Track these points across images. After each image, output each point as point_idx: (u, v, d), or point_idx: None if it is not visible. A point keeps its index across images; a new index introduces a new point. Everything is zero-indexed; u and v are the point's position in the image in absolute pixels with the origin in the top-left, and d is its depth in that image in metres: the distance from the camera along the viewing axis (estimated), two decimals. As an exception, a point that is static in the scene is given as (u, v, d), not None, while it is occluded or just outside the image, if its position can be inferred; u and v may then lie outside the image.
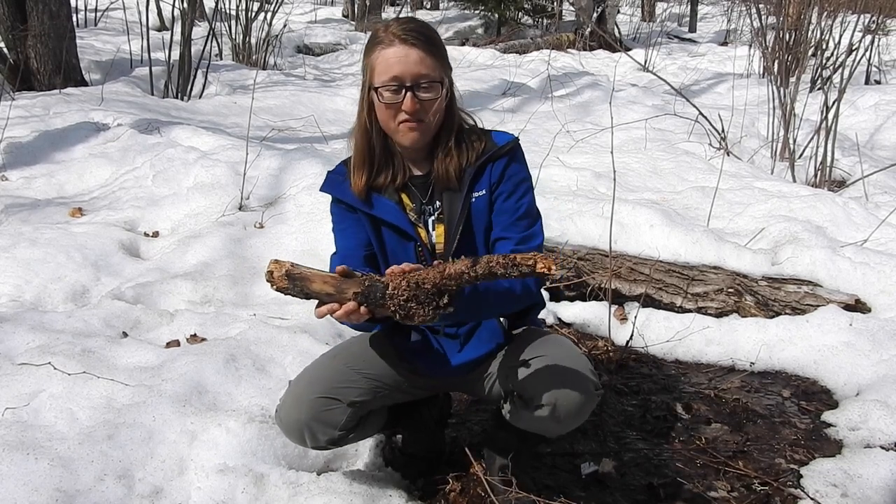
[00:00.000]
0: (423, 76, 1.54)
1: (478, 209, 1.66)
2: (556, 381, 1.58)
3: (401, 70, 1.53)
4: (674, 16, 17.75)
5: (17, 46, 5.96)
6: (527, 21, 13.43)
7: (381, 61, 1.55)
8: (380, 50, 1.56)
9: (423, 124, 1.58)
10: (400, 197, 1.68)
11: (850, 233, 3.30)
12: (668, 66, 9.66)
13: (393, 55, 1.54)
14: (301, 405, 1.65)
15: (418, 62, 1.54)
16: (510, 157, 1.67)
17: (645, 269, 2.94)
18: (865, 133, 5.79)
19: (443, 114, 1.62)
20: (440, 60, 1.58)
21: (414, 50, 1.54)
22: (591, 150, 4.62)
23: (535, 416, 1.61)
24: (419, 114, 1.56)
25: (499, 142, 1.67)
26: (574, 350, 1.67)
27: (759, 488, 1.92)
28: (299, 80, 7.84)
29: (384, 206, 1.66)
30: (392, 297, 1.35)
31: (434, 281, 1.34)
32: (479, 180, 1.65)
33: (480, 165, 1.65)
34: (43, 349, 2.12)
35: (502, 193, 1.66)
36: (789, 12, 6.50)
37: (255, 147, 3.90)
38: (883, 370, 2.35)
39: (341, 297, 1.37)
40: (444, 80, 1.59)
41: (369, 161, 1.65)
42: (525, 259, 1.29)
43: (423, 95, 1.55)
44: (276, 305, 2.68)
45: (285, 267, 1.39)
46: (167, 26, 9.72)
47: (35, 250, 2.89)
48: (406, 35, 1.54)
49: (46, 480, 1.65)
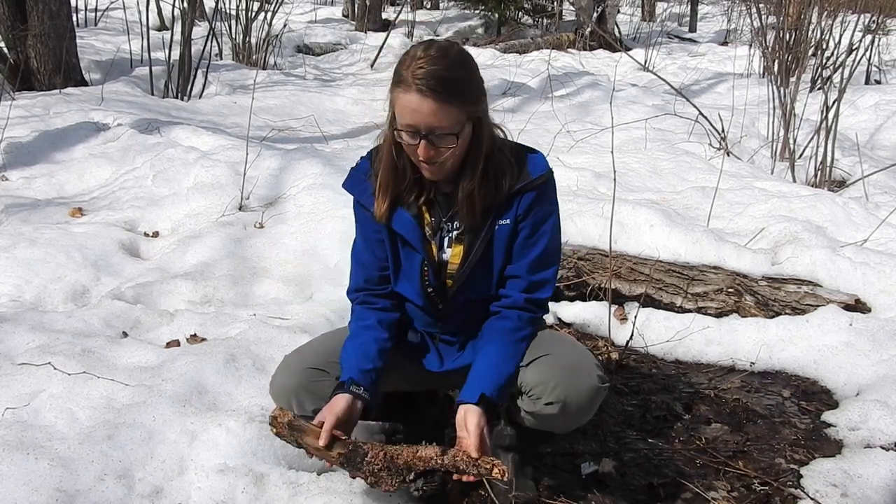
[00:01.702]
0: (437, 128, 1.50)
1: (499, 237, 1.65)
2: (564, 377, 1.60)
3: (415, 120, 1.49)
4: (674, 15, 17.75)
5: (17, 46, 5.96)
6: (527, 21, 13.43)
7: (399, 105, 1.51)
8: (400, 92, 1.50)
9: (440, 165, 1.56)
10: (420, 210, 1.67)
11: (850, 233, 3.30)
12: (668, 65, 9.66)
13: (408, 103, 1.49)
14: (292, 373, 1.71)
15: (431, 114, 1.48)
16: (539, 192, 1.64)
17: (645, 269, 2.94)
18: (865, 133, 5.78)
19: (466, 148, 1.58)
20: (459, 107, 1.51)
21: (427, 101, 1.47)
22: (591, 150, 4.62)
23: (544, 413, 1.63)
24: (434, 159, 1.54)
25: (532, 171, 1.63)
26: (578, 345, 1.70)
27: (759, 488, 1.91)
28: (299, 79, 7.85)
29: (401, 221, 1.66)
30: (369, 463, 1.54)
31: (406, 459, 1.53)
32: (507, 209, 1.63)
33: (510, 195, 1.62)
34: (43, 349, 2.12)
35: (525, 229, 1.65)
36: (789, 12, 6.50)
37: (255, 147, 3.90)
38: (883, 370, 2.35)
39: (327, 455, 1.56)
40: (464, 128, 1.53)
41: (395, 184, 1.63)
42: (486, 462, 1.50)
43: (438, 143, 1.52)
44: (276, 305, 2.68)
45: (288, 416, 1.59)
46: (167, 26, 9.72)
47: (35, 250, 2.89)
48: (422, 84, 1.46)
49: (46, 480, 1.65)
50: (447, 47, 1.53)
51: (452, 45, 1.56)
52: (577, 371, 1.61)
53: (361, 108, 6.23)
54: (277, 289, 2.83)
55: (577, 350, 1.68)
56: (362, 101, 6.49)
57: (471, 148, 1.59)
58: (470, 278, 1.67)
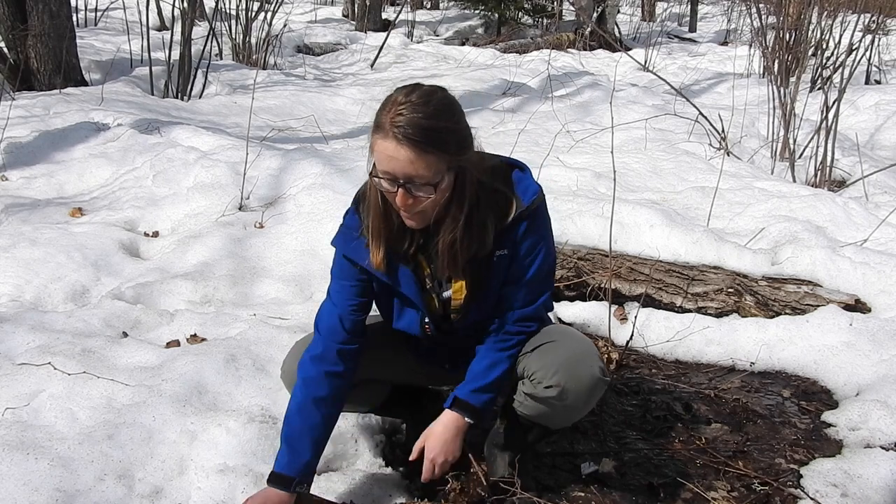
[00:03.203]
0: (414, 177, 1.44)
1: (498, 267, 1.64)
2: (566, 363, 1.63)
3: (391, 168, 1.44)
4: (674, 15, 17.75)
5: (17, 46, 5.96)
6: (527, 21, 13.43)
7: (377, 151, 1.46)
8: (378, 137, 1.45)
9: (420, 214, 1.52)
10: (418, 261, 1.65)
11: (850, 233, 3.30)
12: (668, 65, 9.66)
13: (385, 150, 1.43)
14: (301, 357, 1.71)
15: (408, 163, 1.42)
16: (532, 218, 1.62)
17: (645, 269, 2.94)
18: (865, 133, 5.79)
19: (448, 197, 1.53)
20: (439, 156, 1.44)
21: (403, 149, 1.41)
22: (591, 150, 4.62)
23: (542, 396, 1.65)
24: (412, 208, 1.49)
25: (523, 196, 1.60)
26: (584, 338, 1.73)
27: (759, 488, 1.92)
28: (299, 79, 7.85)
29: (401, 277, 1.64)
30: None
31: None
32: (503, 239, 1.61)
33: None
34: (43, 349, 2.12)
35: (519, 253, 1.64)
36: (789, 12, 6.49)
37: (255, 147, 3.90)
38: (883, 370, 2.35)
39: None
40: (443, 179, 1.47)
41: (386, 233, 1.59)
42: None
43: (416, 193, 1.47)
44: (275, 305, 2.68)
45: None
46: (167, 26, 9.72)
47: (35, 250, 2.89)
48: (399, 133, 1.41)
49: (46, 480, 1.65)
50: (430, 93, 1.47)
51: (436, 90, 1.49)
52: (580, 359, 1.64)
53: (361, 109, 6.22)
54: (277, 289, 2.83)
55: (581, 341, 1.71)
56: (362, 101, 6.48)
57: (452, 197, 1.53)
58: (472, 309, 1.69)
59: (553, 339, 1.69)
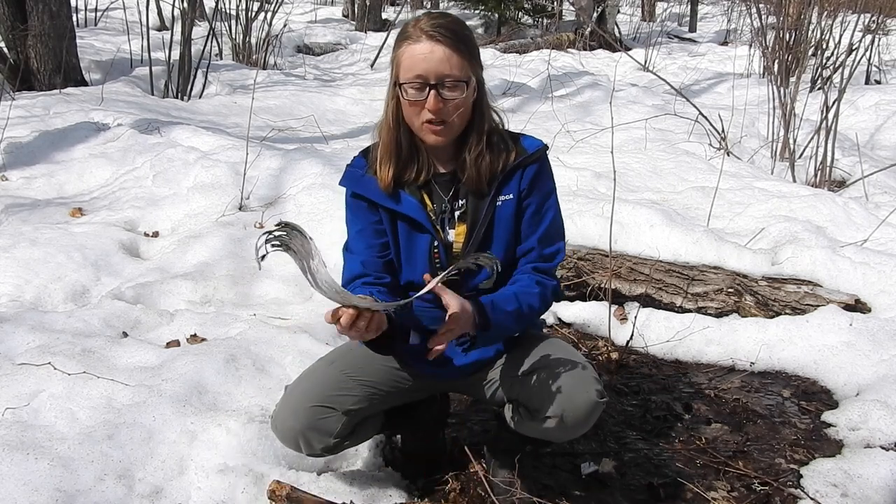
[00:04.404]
0: (448, 75, 1.51)
1: (503, 214, 1.64)
2: (562, 392, 1.58)
3: (425, 68, 1.51)
4: (674, 15, 17.74)
5: (17, 46, 5.96)
6: (527, 21, 13.42)
7: (407, 57, 1.53)
8: (407, 45, 1.53)
9: (447, 125, 1.56)
10: (422, 195, 1.66)
11: (850, 233, 3.30)
12: (668, 65, 9.65)
13: (419, 52, 1.51)
14: (296, 414, 1.64)
15: (443, 60, 1.50)
16: (541, 166, 1.65)
17: (645, 269, 2.94)
18: (865, 133, 5.79)
19: (470, 113, 1.60)
20: (468, 59, 1.54)
21: (440, 47, 1.50)
22: (591, 150, 4.62)
23: (541, 427, 1.62)
24: (442, 113, 1.54)
25: (528, 147, 1.65)
26: (577, 356, 1.66)
27: (759, 488, 1.92)
28: (299, 79, 7.85)
29: (407, 203, 1.64)
30: None
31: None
32: (508, 184, 1.63)
33: (510, 170, 1.63)
34: (43, 349, 2.12)
35: (532, 205, 1.65)
36: (789, 12, 6.49)
37: (255, 147, 3.90)
38: (883, 370, 2.35)
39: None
40: (471, 80, 1.55)
41: (396, 155, 1.62)
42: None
43: (448, 94, 1.52)
44: (276, 305, 2.68)
45: (286, 490, 1.66)
46: (167, 26, 9.72)
47: (35, 250, 2.89)
48: (434, 31, 1.51)
49: (46, 480, 1.65)
50: (447, 12, 1.63)
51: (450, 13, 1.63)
52: (577, 387, 1.58)
53: (361, 108, 6.22)
54: (277, 289, 2.83)
55: (575, 361, 1.63)
56: (362, 101, 6.49)
57: (474, 113, 1.60)
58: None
59: (545, 365, 1.63)
